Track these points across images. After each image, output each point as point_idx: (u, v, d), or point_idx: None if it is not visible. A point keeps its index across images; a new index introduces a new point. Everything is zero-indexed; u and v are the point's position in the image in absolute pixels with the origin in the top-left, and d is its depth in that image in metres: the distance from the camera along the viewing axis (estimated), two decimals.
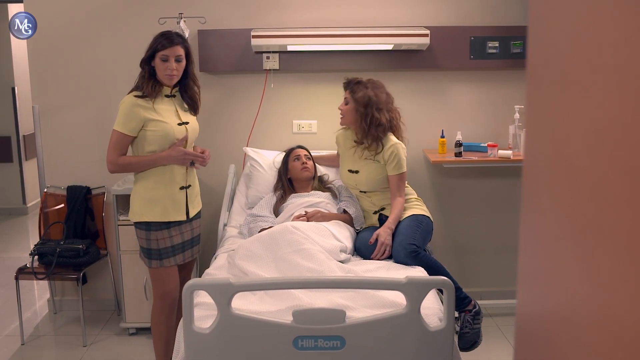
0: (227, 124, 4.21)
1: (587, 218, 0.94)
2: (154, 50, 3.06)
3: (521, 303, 1.30)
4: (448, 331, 2.29)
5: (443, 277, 2.39)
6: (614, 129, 0.84)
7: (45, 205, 4.30)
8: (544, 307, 1.16)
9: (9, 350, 3.88)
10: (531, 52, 1.19)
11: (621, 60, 0.83)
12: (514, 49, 4.08)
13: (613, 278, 0.85)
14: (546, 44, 1.13)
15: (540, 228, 1.17)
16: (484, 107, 4.22)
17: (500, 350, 3.68)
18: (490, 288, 4.32)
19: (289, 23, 4.08)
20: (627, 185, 0.81)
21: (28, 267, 3.96)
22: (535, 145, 1.19)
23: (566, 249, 1.02)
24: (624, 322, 0.82)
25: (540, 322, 1.18)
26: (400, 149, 3.40)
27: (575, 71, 0.99)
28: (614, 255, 0.85)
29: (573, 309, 1.01)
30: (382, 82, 3.50)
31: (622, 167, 0.82)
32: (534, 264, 1.21)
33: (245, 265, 2.86)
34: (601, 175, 0.89)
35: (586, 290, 0.95)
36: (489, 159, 3.93)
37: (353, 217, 3.44)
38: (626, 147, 0.80)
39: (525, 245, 1.25)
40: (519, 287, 1.29)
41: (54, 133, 4.25)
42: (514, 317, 1.32)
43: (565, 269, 1.03)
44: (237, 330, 2.26)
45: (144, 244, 3.14)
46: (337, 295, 2.58)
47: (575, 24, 0.99)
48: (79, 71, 4.17)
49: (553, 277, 1.10)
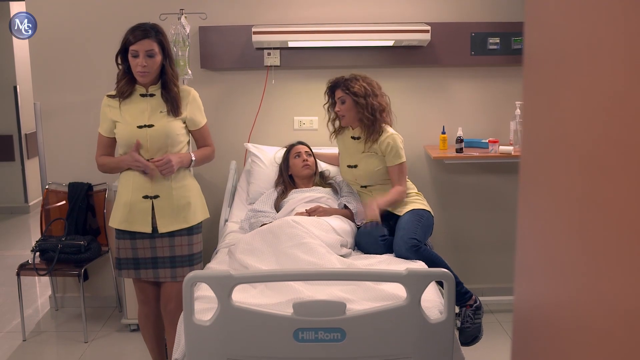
0: (229, 120, 4.22)
1: (585, 206, 0.94)
2: (125, 45, 2.90)
3: (519, 292, 1.30)
4: (448, 323, 2.29)
5: (443, 269, 2.39)
6: (611, 120, 0.85)
7: (47, 202, 4.31)
8: (542, 296, 1.16)
9: (11, 346, 3.88)
10: (527, 47, 1.19)
11: (617, 53, 0.83)
12: (515, 45, 4.09)
13: (612, 266, 0.85)
14: (542, 39, 1.14)
15: (538, 217, 1.17)
16: (485, 103, 4.22)
17: (502, 347, 3.68)
18: (492, 285, 4.32)
19: (290, 19, 4.08)
20: (623, 174, 0.81)
21: (29, 263, 3.97)
22: (533, 136, 1.19)
23: (564, 237, 1.02)
24: (623, 311, 0.82)
25: (538, 312, 1.18)
26: (397, 138, 3.40)
27: (571, 65, 0.99)
28: (613, 243, 0.85)
29: (571, 297, 1.01)
30: (363, 73, 3.52)
31: (619, 158, 0.82)
32: (531, 253, 1.21)
33: (246, 259, 2.86)
34: (598, 165, 0.89)
35: (585, 279, 0.95)
36: (490, 155, 3.93)
37: (354, 213, 3.45)
38: (623, 139, 0.81)
39: (522, 235, 1.25)
40: (516, 277, 1.29)
41: (55, 130, 4.26)
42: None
43: (563, 257, 1.03)
44: (237, 323, 2.26)
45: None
46: (338, 289, 2.58)
47: (571, 18, 1.00)
48: (80, 68, 4.18)
49: (551, 266, 1.10)
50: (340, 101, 3.46)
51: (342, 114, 3.48)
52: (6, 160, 7.13)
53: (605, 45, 0.87)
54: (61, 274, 4.09)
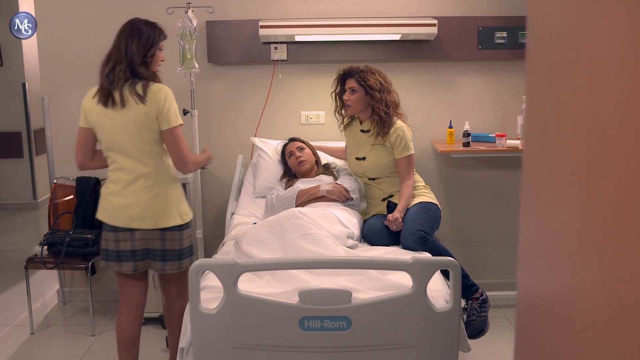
0: (235, 114, 4.22)
1: (586, 198, 0.94)
2: (160, 39, 2.94)
3: (522, 282, 1.30)
4: (454, 312, 2.29)
5: (449, 258, 2.39)
6: (613, 116, 0.85)
7: (55, 196, 4.32)
8: (545, 285, 1.17)
9: (19, 339, 3.90)
10: (530, 42, 1.20)
11: (618, 51, 0.84)
12: (522, 40, 4.07)
13: (613, 256, 0.86)
14: (544, 34, 1.14)
15: (540, 208, 1.17)
16: (492, 97, 4.22)
17: (508, 341, 3.65)
18: (498, 280, 4.30)
19: (297, 14, 4.08)
20: (623, 167, 0.82)
21: (37, 256, 3.99)
22: (535, 130, 1.20)
23: (566, 228, 1.03)
24: (624, 299, 0.82)
25: (541, 300, 1.18)
26: (406, 130, 3.40)
27: (573, 60, 1.00)
28: (613, 233, 0.85)
29: (573, 286, 1.01)
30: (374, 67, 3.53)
31: (620, 152, 0.83)
32: (534, 243, 1.22)
33: (252, 250, 2.87)
34: (599, 159, 0.90)
35: (586, 268, 0.95)
36: (497, 149, 3.91)
37: (349, 190, 3.51)
38: (624, 134, 0.81)
39: (525, 225, 1.25)
40: (519, 266, 1.30)
41: (63, 125, 4.27)
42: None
43: (565, 247, 1.03)
44: (243, 311, 2.27)
45: (190, 242, 2.99)
46: (344, 279, 2.58)
47: (573, 15, 1.00)
48: (88, 63, 4.17)
49: (553, 255, 1.10)
50: (350, 90, 3.45)
51: (350, 103, 3.47)
52: (15, 157, 7.16)
53: (607, 40, 0.87)
54: (69, 267, 4.10)
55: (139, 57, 2.84)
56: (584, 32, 0.95)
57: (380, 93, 3.39)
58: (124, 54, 2.85)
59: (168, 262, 2.93)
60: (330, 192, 3.47)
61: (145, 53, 2.85)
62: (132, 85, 2.80)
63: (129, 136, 2.81)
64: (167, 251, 2.91)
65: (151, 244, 2.90)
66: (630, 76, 0.79)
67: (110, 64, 2.87)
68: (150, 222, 2.85)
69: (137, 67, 2.83)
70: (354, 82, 3.44)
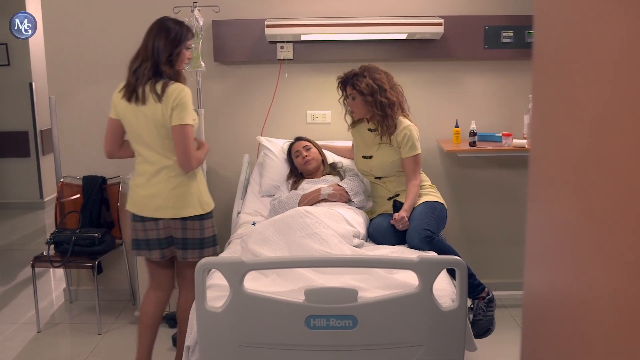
0: (241, 114, 4.23)
1: (594, 196, 0.94)
2: (187, 38, 3.03)
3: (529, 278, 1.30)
4: (461, 311, 2.28)
5: (456, 257, 2.38)
6: (619, 115, 0.85)
7: (62, 195, 4.34)
8: (552, 282, 1.16)
9: (25, 337, 3.92)
10: (537, 42, 1.20)
11: (624, 50, 0.83)
12: (529, 39, 4.06)
13: (620, 253, 0.85)
14: (551, 34, 1.14)
15: (547, 205, 1.17)
16: (499, 96, 4.21)
17: (515, 341, 3.64)
18: (505, 279, 4.29)
19: (303, 13, 4.09)
20: (629, 165, 0.82)
21: (44, 255, 4.00)
22: (542, 127, 1.20)
23: (573, 225, 1.02)
24: (631, 296, 0.82)
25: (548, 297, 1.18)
26: (413, 130, 3.40)
27: (580, 59, 1.00)
28: (620, 230, 0.85)
29: (580, 283, 1.01)
30: (374, 64, 3.50)
31: (626, 150, 0.83)
32: (541, 241, 1.22)
33: (258, 249, 2.87)
34: (606, 157, 0.90)
35: (594, 266, 0.95)
36: (503, 148, 3.90)
37: (349, 192, 3.51)
38: (630, 132, 0.81)
39: (532, 222, 1.25)
40: (526, 263, 1.29)
41: (69, 124, 4.29)
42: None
43: (573, 245, 1.03)
44: (249, 309, 2.27)
45: (212, 232, 3.12)
46: (350, 277, 2.58)
47: (579, 15, 1.00)
48: (94, 62, 4.20)
49: (560, 252, 1.10)
50: (351, 97, 3.47)
51: (353, 109, 3.50)
52: (22, 156, 7.18)
53: (614, 39, 0.87)
54: (75, 266, 4.11)
55: (164, 55, 2.94)
56: (590, 30, 0.95)
57: (373, 95, 3.38)
58: (151, 52, 2.95)
59: (189, 250, 3.05)
60: (331, 195, 3.47)
61: (171, 51, 2.96)
62: (153, 84, 2.91)
63: (149, 131, 2.95)
64: (188, 240, 3.03)
65: (174, 233, 3.04)
66: (637, 75, 0.79)
67: (138, 61, 2.98)
68: (171, 212, 2.98)
69: (161, 66, 2.93)
70: (349, 89, 3.46)
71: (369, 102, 3.39)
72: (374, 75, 3.41)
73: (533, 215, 1.25)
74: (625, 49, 0.83)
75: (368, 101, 3.39)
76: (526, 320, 1.33)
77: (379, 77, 3.41)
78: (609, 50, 0.88)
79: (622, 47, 0.84)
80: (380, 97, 3.37)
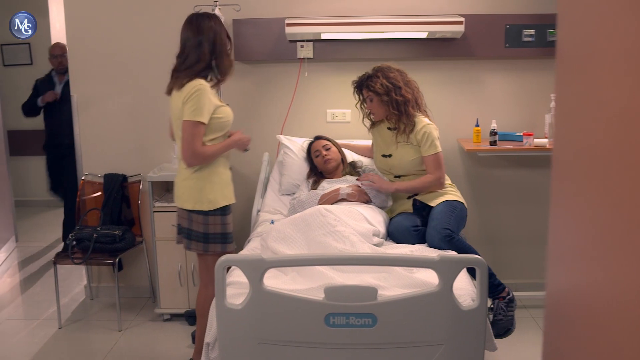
0: (261, 112, 4.24)
1: (618, 196, 0.93)
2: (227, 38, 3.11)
3: (551, 277, 1.29)
4: (481, 310, 2.27)
5: (476, 256, 2.36)
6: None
7: (83, 193, 4.37)
8: (575, 281, 1.15)
9: (47, 333, 3.95)
10: (560, 40, 1.19)
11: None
12: (550, 37, 4.03)
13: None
14: (575, 32, 1.13)
15: (571, 205, 1.16)
16: (520, 95, 4.18)
17: (535, 341, 3.63)
18: (525, 280, 4.26)
19: (323, 12, 4.09)
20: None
21: (66, 252, 4.04)
22: (566, 129, 1.19)
23: (597, 224, 1.02)
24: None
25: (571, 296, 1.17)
26: (432, 129, 3.39)
27: (604, 58, 0.99)
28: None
29: (604, 282, 1.00)
30: (387, 63, 3.50)
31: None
32: (564, 240, 1.21)
33: (278, 247, 2.87)
34: (631, 157, 0.89)
35: (619, 265, 0.94)
36: (524, 148, 3.88)
37: (369, 192, 3.50)
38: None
39: (555, 222, 1.24)
40: (549, 263, 1.28)
41: (91, 122, 4.32)
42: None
43: (598, 243, 1.02)
44: (268, 306, 2.27)
45: (220, 229, 3.06)
46: (369, 276, 2.58)
47: (604, 12, 0.99)
48: (116, 60, 4.24)
49: (585, 251, 1.09)
50: (368, 99, 3.48)
51: (373, 111, 3.51)
52: (43, 154, 7.23)
53: (639, 36, 0.86)
54: (96, 263, 4.14)
55: (205, 52, 3.01)
56: (614, 27, 0.94)
57: (388, 94, 3.38)
58: (192, 49, 3.01)
59: (193, 241, 3.10)
60: (350, 194, 3.46)
61: (212, 49, 3.02)
62: (180, 79, 2.99)
63: (174, 123, 3.09)
64: (192, 231, 3.09)
65: (182, 222, 3.14)
66: None
67: (181, 58, 3.05)
68: (179, 202, 3.11)
69: (200, 63, 2.99)
70: (365, 92, 3.48)
71: (385, 101, 3.40)
72: (387, 74, 3.41)
73: (556, 214, 1.24)
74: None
75: (384, 101, 3.40)
76: (549, 320, 1.32)
77: (393, 76, 3.41)
78: (634, 46, 0.87)
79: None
80: (396, 95, 3.37)
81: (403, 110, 3.37)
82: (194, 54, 2.98)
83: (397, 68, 3.46)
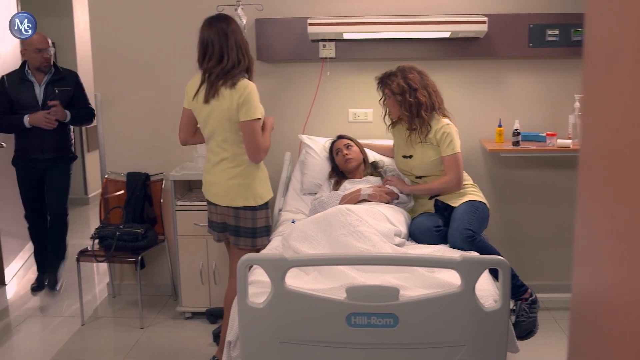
0: (284, 111, 4.24)
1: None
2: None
3: (577, 280, 1.28)
4: (503, 312, 2.25)
5: (499, 257, 2.35)
6: None
7: (106, 191, 4.41)
8: (601, 282, 1.14)
9: (70, 330, 3.99)
10: (588, 40, 1.18)
11: None
12: (575, 37, 4.00)
13: None
14: (603, 32, 1.12)
15: (597, 206, 1.15)
16: (543, 96, 4.15)
17: (558, 344, 3.60)
18: (548, 281, 4.23)
19: (346, 11, 4.08)
20: None
21: (89, 250, 4.07)
22: (592, 130, 1.18)
23: (624, 226, 1.00)
24: None
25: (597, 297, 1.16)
26: (452, 129, 3.37)
27: (632, 57, 0.97)
28: None
29: (631, 284, 0.99)
30: (411, 64, 3.48)
31: None
32: (590, 243, 1.19)
33: (299, 246, 2.88)
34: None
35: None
36: (547, 149, 3.84)
37: (398, 193, 3.50)
38: None
39: (581, 223, 1.23)
40: (575, 264, 1.27)
41: (114, 121, 4.36)
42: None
43: (625, 245, 1.01)
44: (290, 306, 2.27)
45: (265, 222, 3.24)
46: (391, 276, 2.57)
47: (633, 11, 0.98)
48: (138, 59, 4.27)
49: (612, 253, 1.08)
50: (386, 97, 3.48)
51: (389, 109, 3.51)
52: None
53: None
54: (118, 261, 4.18)
55: (241, 55, 3.10)
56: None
57: (403, 95, 3.37)
58: (226, 53, 3.08)
59: (241, 237, 3.20)
60: (371, 195, 3.45)
61: (242, 51, 3.11)
62: (225, 83, 3.05)
63: (213, 124, 3.12)
64: (240, 228, 3.19)
65: (227, 220, 3.22)
66: None
67: (214, 62, 3.10)
68: (226, 201, 3.18)
69: (239, 66, 3.08)
70: (384, 88, 3.46)
71: (399, 101, 3.39)
72: (406, 75, 3.40)
73: (582, 215, 1.23)
74: None
75: (398, 100, 3.39)
76: (574, 322, 1.31)
77: (411, 77, 3.39)
78: None
79: None
80: (409, 97, 3.35)
81: (415, 113, 3.36)
82: (229, 57, 3.05)
83: (419, 70, 3.44)
